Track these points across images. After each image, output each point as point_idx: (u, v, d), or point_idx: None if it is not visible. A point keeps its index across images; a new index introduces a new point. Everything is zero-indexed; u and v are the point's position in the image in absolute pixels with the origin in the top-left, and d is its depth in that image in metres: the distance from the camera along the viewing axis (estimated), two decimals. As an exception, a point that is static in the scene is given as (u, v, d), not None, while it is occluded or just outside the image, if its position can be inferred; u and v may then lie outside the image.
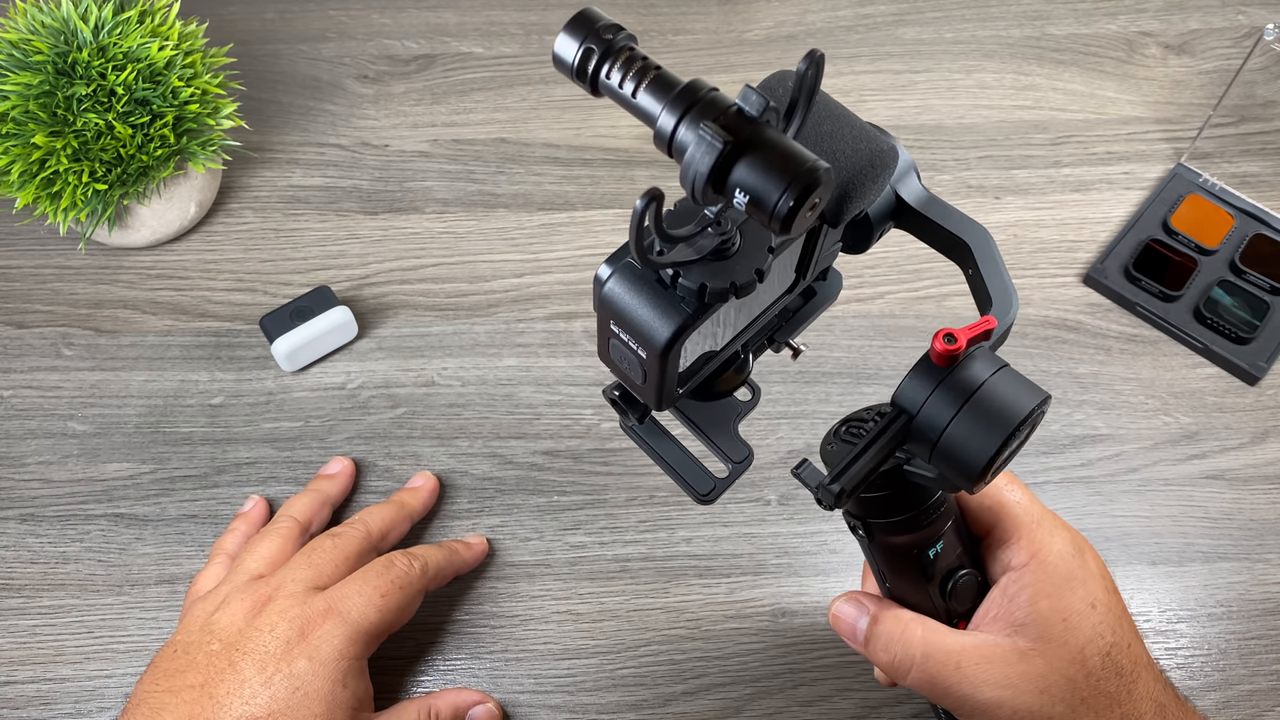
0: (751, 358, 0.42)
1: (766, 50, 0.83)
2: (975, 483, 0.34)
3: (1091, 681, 0.41)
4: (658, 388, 0.34)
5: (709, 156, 0.27)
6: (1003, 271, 0.37)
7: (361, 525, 0.57)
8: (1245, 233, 0.72)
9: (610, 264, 0.33)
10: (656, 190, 0.27)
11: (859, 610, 0.45)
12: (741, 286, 0.31)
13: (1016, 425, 0.33)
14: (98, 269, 0.72)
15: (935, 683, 0.42)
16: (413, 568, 0.55)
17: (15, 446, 0.65)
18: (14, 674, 0.58)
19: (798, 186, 0.27)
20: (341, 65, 0.83)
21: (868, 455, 0.35)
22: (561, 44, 0.29)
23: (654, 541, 0.62)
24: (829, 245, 0.38)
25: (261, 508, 0.61)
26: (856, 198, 0.34)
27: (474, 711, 0.55)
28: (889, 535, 0.42)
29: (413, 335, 0.69)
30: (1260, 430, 0.65)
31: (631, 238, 0.28)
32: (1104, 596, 0.43)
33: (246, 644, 0.50)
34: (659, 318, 0.32)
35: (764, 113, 0.27)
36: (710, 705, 0.57)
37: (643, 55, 0.29)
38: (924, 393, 0.34)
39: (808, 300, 0.43)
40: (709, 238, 0.32)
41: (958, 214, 0.38)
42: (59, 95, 0.63)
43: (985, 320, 0.35)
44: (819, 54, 0.28)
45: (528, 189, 0.76)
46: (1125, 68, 0.82)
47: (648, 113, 0.28)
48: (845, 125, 0.34)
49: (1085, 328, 0.70)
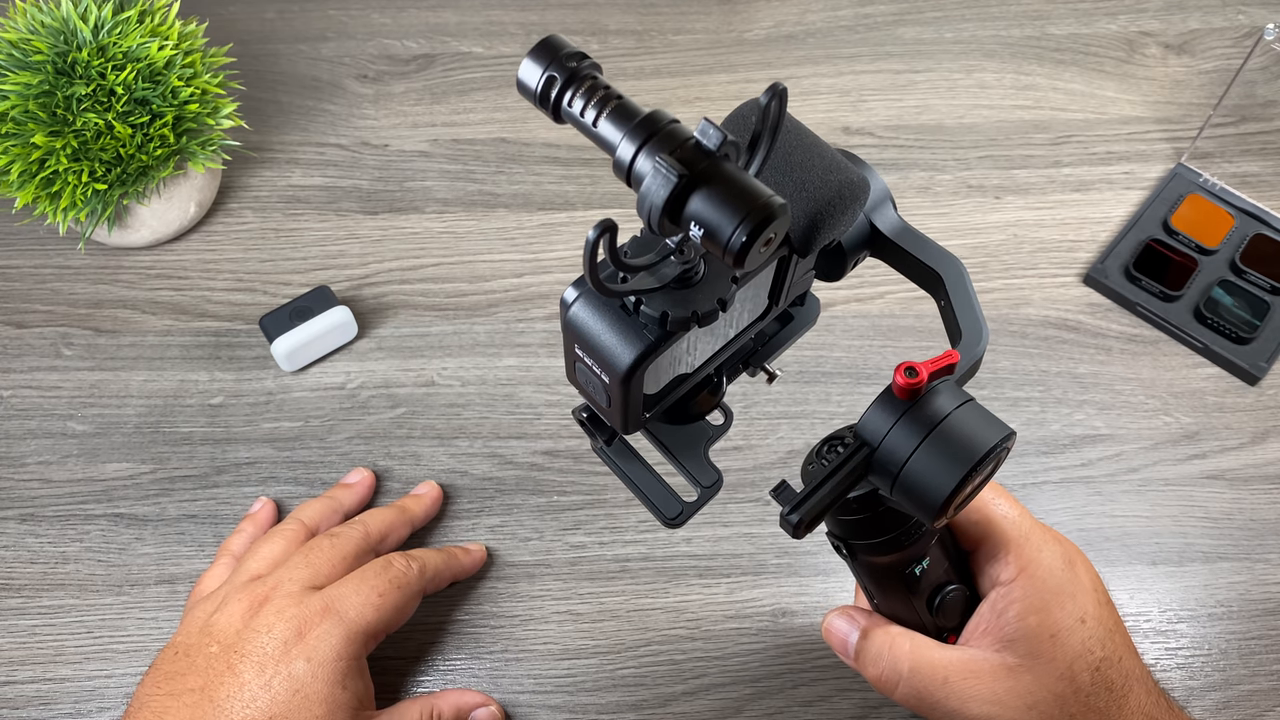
0: (725, 381, 0.42)
1: (766, 50, 0.83)
2: (936, 517, 0.34)
3: (1080, 697, 0.41)
4: (622, 412, 0.34)
5: (664, 189, 0.27)
6: (974, 304, 0.37)
7: (360, 526, 0.57)
8: (1245, 233, 0.72)
9: (576, 287, 0.33)
10: (609, 221, 0.27)
11: (850, 625, 0.45)
12: (704, 315, 0.31)
13: (978, 460, 0.33)
14: (97, 269, 0.72)
15: (922, 697, 0.42)
16: (411, 568, 0.55)
17: (15, 446, 0.65)
18: (14, 674, 0.58)
19: (751, 221, 0.27)
20: (341, 65, 0.83)
21: (827, 487, 0.35)
22: (525, 70, 0.29)
23: (654, 541, 0.62)
24: (801, 273, 0.38)
25: (269, 509, 0.61)
26: (826, 228, 0.34)
27: (477, 714, 0.55)
28: (871, 556, 0.42)
29: (413, 335, 0.69)
30: (1260, 430, 0.65)
31: (586, 268, 0.28)
32: (1095, 610, 0.42)
33: (244, 646, 0.50)
34: (621, 344, 0.32)
35: (722, 146, 0.27)
36: (710, 705, 0.57)
37: (605, 84, 0.29)
38: (886, 425, 0.34)
39: (784, 325, 0.43)
40: (672, 266, 0.31)
41: (932, 244, 0.38)
42: (59, 95, 0.63)
43: (948, 354, 0.35)
44: (781, 87, 0.28)
45: (528, 189, 0.76)
46: (1125, 68, 0.82)
47: (608, 141, 0.28)
48: (816, 155, 0.34)
49: (1085, 328, 0.70)
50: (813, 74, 0.82)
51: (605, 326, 0.32)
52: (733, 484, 0.63)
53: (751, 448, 0.65)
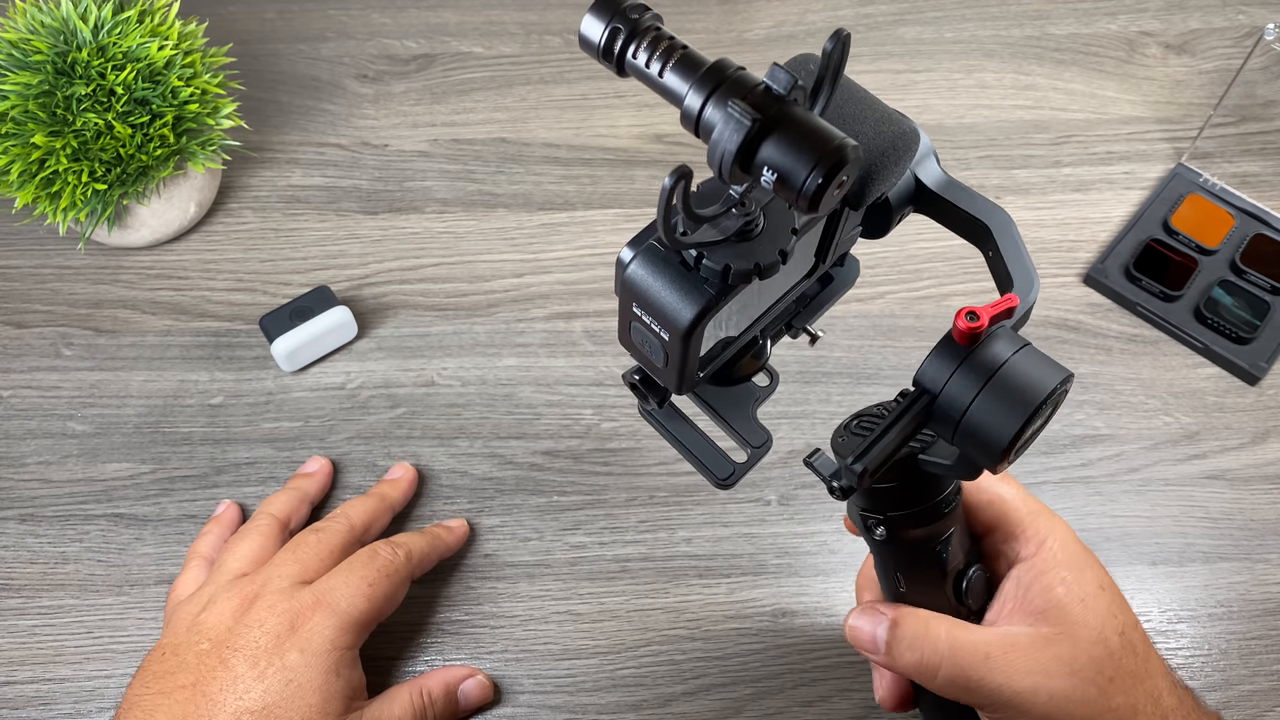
0: (770, 344, 0.41)
1: (766, 50, 0.83)
2: (999, 461, 0.34)
3: (1115, 660, 0.41)
4: (679, 371, 0.34)
5: (737, 134, 0.27)
6: (1023, 253, 0.37)
7: (344, 519, 0.57)
8: (1245, 232, 0.72)
9: (633, 246, 0.32)
10: (685, 168, 0.26)
11: (876, 619, 0.43)
12: (766, 268, 0.31)
13: (1039, 403, 0.33)
14: (97, 269, 0.72)
15: (967, 676, 0.41)
16: (397, 556, 0.55)
17: (15, 446, 0.65)
18: (14, 674, 0.58)
19: (826, 164, 0.26)
20: (341, 65, 0.83)
21: (890, 435, 0.35)
22: (588, 24, 0.29)
23: (654, 541, 0.62)
24: (849, 229, 0.37)
25: (234, 511, 0.61)
26: (879, 180, 0.33)
27: (465, 686, 0.56)
28: (910, 528, 0.42)
29: (412, 335, 0.69)
30: (1260, 430, 0.65)
31: (660, 217, 0.28)
32: (1107, 579, 0.44)
33: (236, 641, 0.50)
34: (683, 299, 0.31)
35: (791, 90, 0.27)
36: (710, 705, 0.57)
37: (669, 35, 0.29)
38: (946, 372, 0.34)
39: (825, 286, 0.42)
40: (733, 219, 0.31)
41: (978, 197, 0.38)
42: (59, 95, 0.63)
43: (1008, 298, 0.35)
44: (845, 33, 0.28)
45: (528, 189, 0.76)
46: (1125, 67, 0.82)
47: (674, 92, 0.28)
48: (868, 108, 0.34)
49: (1085, 328, 0.69)
50: (813, 74, 0.82)
51: (665, 283, 0.32)
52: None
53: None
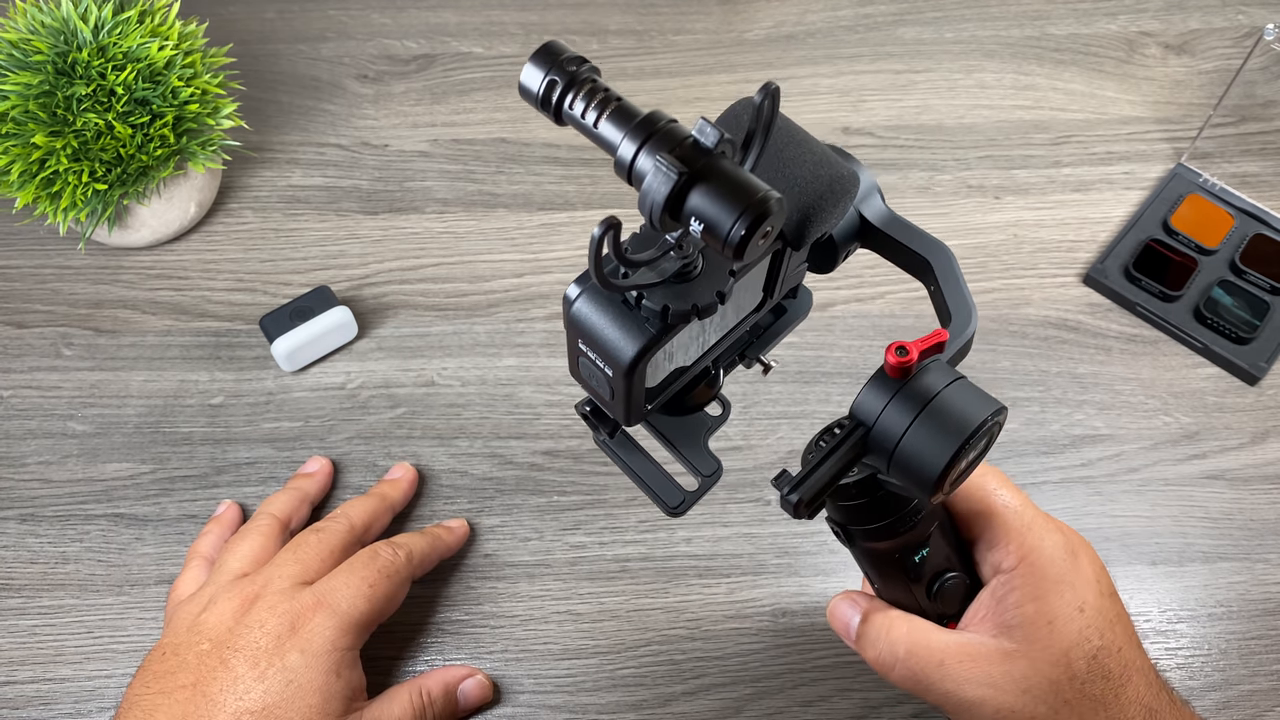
0: (722, 373, 0.42)
1: (767, 50, 0.83)
2: (932, 493, 0.35)
3: (1076, 684, 0.41)
4: (625, 404, 0.35)
5: (665, 186, 0.28)
6: (962, 288, 0.38)
7: (345, 519, 0.57)
8: (1245, 233, 0.72)
9: (579, 284, 0.34)
10: (614, 219, 0.28)
11: (852, 608, 0.46)
12: (704, 308, 0.32)
13: (970, 434, 0.34)
14: (98, 269, 0.72)
15: (918, 679, 0.43)
16: (398, 556, 0.55)
17: (15, 446, 0.65)
18: (14, 674, 0.58)
19: (749, 215, 0.27)
20: (341, 65, 0.83)
21: (825, 466, 0.36)
22: (527, 74, 0.30)
23: (654, 541, 0.62)
24: (794, 266, 0.39)
25: (234, 511, 0.61)
26: (817, 221, 0.35)
27: (464, 685, 0.56)
28: (869, 541, 0.43)
29: (413, 335, 0.69)
30: (1260, 430, 0.65)
31: (591, 263, 0.29)
32: (1095, 600, 0.43)
33: (237, 641, 0.50)
34: (624, 337, 0.33)
35: (719, 144, 0.28)
36: (710, 705, 0.57)
37: (604, 87, 0.30)
38: (879, 404, 0.35)
39: (778, 317, 0.44)
40: (672, 261, 0.32)
41: (920, 232, 0.39)
42: (59, 95, 0.63)
43: (937, 333, 0.36)
44: (774, 86, 0.29)
45: (528, 189, 0.76)
46: (1125, 68, 0.82)
47: (609, 142, 0.29)
48: (807, 151, 0.35)
49: (1085, 328, 0.70)
50: (813, 74, 0.82)
51: (608, 321, 0.33)
52: (733, 484, 0.63)
53: (751, 448, 0.65)
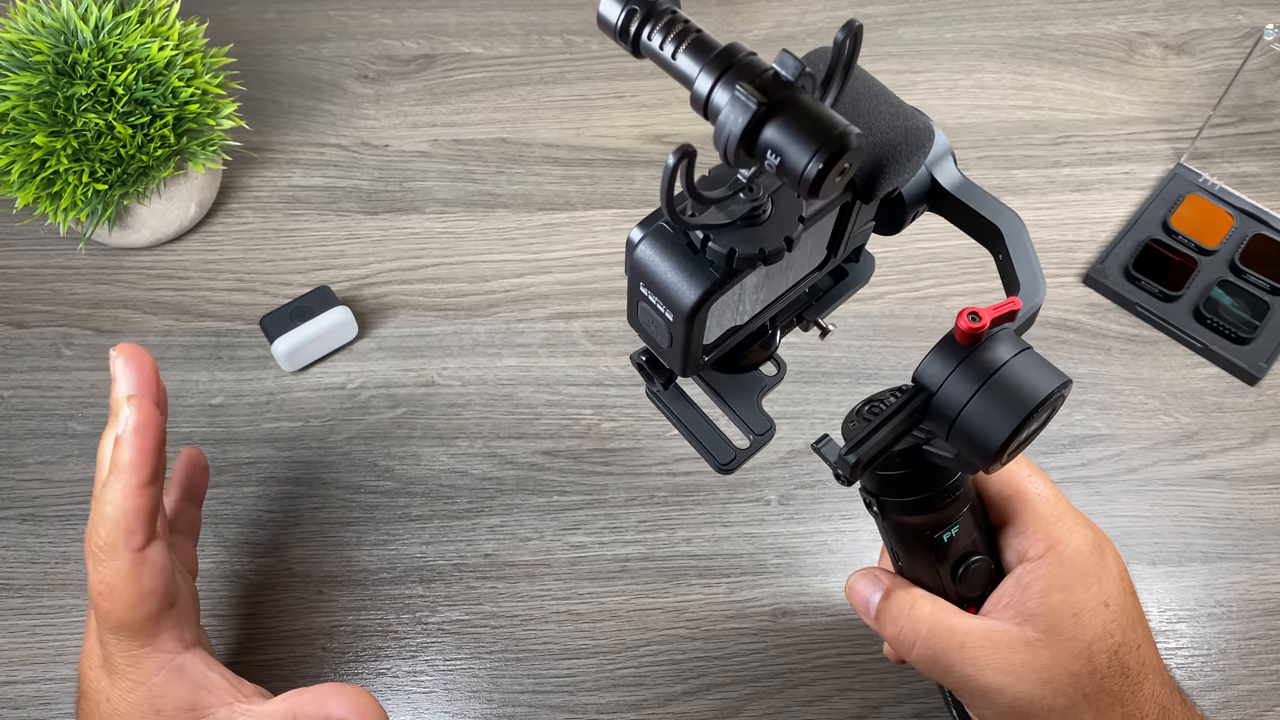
0: (779, 334, 0.41)
1: (767, 50, 0.83)
2: (991, 462, 0.35)
3: (1095, 678, 0.41)
4: (683, 352, 0.34)
5: (741, 117, 0.27)
6: (1033, 258, 0.37)
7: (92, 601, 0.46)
8: (1245, 233, 0.72)
9: (643, 227, 0.33)
10: (689, 146, 0.27)
11: (873, 585, 0.45)
12: (770, 254, 0.31)
13: (1034, 407, 0.34)
14: (98, 269, 0.72)
15: (938, 660, 0.42)
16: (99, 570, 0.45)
17: (15, 446, 0.65)
18: (14, 674, 0.58)
19: (827, 150, 0.27)
20: (341, 65, 0.83)
21: (886, 429, 0.35)
22: (606, 5, 0.29)
23: (654, 541, 0.62)
24: (861, 223, 0.38)
25: None
26: (890, 173, 0.34)
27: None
28: (902, 515, 0.42)
29: (413, 335, 0.69)
30: (1260, 430, 0.65)
31: (663, 194, 0.28)
32: (1119, 597, 0.43)
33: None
34: (687, 281, 0.32)
35: (799, 77, 0.27)
36: (710, 705, 0.57)
37: (684, 18, 0.29)
38: (945, 370, 0.35)
39: (838, 280, 0.42)
40: (740, 203, 0.32)
41: (992, 199, 0.38)
42: (59, 95, 0.63)
43: (1011, 301, 0.35)
44: (857, 24, 0.28)
45: (528, 189, 0.76)
46: (1125, 68, 0.82)
47: (686, 74, 0.29)
48: (883, 102, 0.34)
49: (1085, 328, 0.70)
50: (813, 74, 0.82)
51: (671, 265, 0.32)
52: (733, 484, 0.63)
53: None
